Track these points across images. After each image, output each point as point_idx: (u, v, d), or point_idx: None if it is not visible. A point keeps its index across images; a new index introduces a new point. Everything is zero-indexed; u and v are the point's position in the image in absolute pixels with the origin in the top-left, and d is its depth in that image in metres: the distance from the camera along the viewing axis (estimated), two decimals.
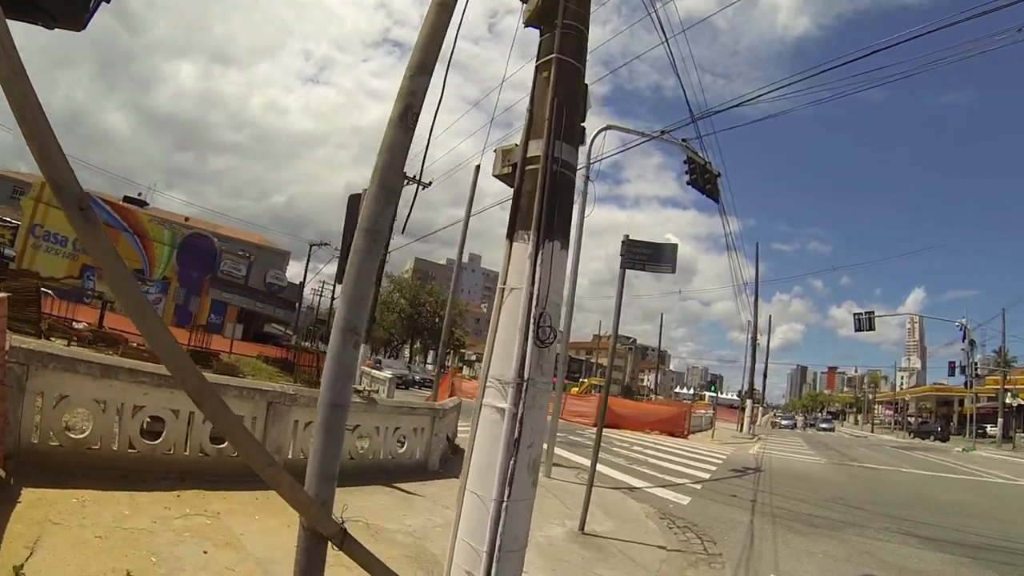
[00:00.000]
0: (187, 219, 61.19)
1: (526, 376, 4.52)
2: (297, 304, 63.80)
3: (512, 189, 5.11)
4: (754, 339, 47.10)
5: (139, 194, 61.89)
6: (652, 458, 19.52)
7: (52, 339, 17.34)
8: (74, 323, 22.44)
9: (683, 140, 17.00)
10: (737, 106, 14.24)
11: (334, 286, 72.06)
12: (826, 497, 14.98)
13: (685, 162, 17.41)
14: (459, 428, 14.21)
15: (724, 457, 23.14)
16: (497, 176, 5.50)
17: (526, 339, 4.59)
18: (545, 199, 4.78)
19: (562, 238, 4.89)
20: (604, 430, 27.69)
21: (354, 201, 9.88)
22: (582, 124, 5.33)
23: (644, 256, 9.25)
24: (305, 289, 69.06)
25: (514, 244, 4.91)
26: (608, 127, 14.90)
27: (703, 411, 46.37)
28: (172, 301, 50.17)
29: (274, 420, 8.58)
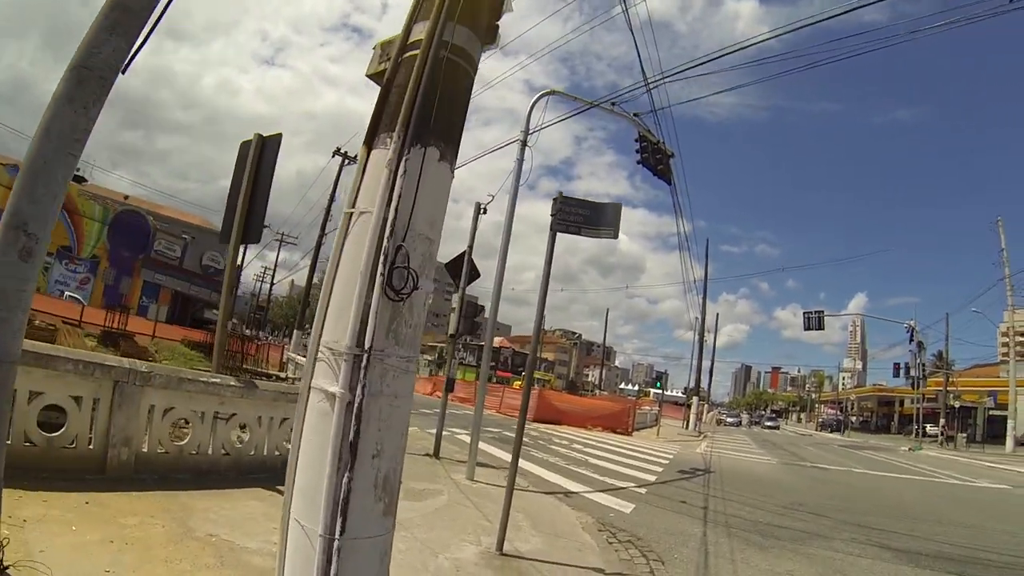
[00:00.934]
0: (126, 197, 58.25)
1: (368, 344, 2.94)
2: (234, 289, 61.23)
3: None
4: (702, 335, 46.09)
5: (77, 169, 58.13)
6: (593, 457, 18.05)
7: None
8: None
9: (635, 114, 15.56)
10: (693, 67, 12.94)
11: (274, 271, 70.24)
12: (784, 503, 13.61)
13: (636, 139, 16.07)
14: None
15: (671, 457, 21.76)
16: (371, 76, 3.91)
17: (371, 285, 2.99)
18: (421, 89, 3.19)
19: (444, 146, 3.31)
20: (544, 427, 26.20)
21: (244, 148, 8.12)
22: (494, 15, 3.81)
23: (581, 217, 7.71)
24: (246, 274, 66.80)
25: (372, 152, 3.31)
26: (551, 92, 13.43)
27: (648, 407, 45.30)
28: (101, 281, 47.66)
29: (121, 404, 6.99)
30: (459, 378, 56.55)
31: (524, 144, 12.07)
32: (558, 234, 7.64)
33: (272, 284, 73.00)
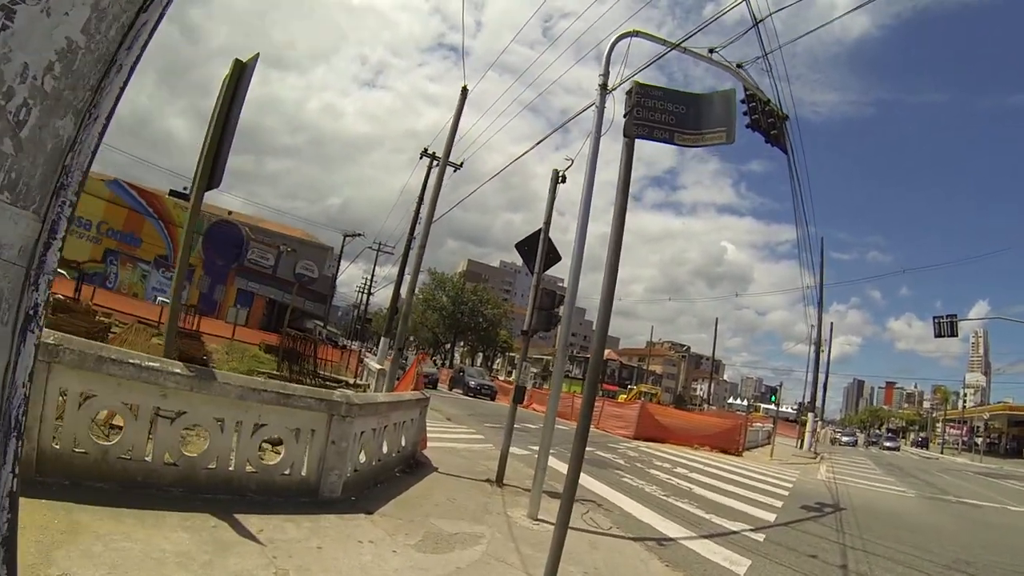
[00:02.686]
0: (230, 213, 59.02)
1: None
2: (329, 297, 60.56)
3: None
4: (819, 343, 41.65)
5: (184, 188, 59.40)
6: (699, 486, 15.04)
7: None
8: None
9: (738, 65, 12.63)
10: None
11: (370, 282, 69.23)
12: (944, 559, 10.32)
13: (743, 100, 13.15)
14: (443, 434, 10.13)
15: (790, 486, 18.42)
16: None
17: None
18: None
19: None
20: (645, 445, 23.25)
21: (237, 67, 5.91)
22: None
23: (671, 116, 5.09)
24: (346, 283, 66.64)
25: None
26: (634, 32, 10.74)
27: (760, 425, 41.22)
28: (197, 289, 47.90)
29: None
30: (564, 391, 53.76)
31: (604, 88, 9.63)
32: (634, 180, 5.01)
33: (369, 294, 71.70)
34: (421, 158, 35.48)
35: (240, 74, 6.88)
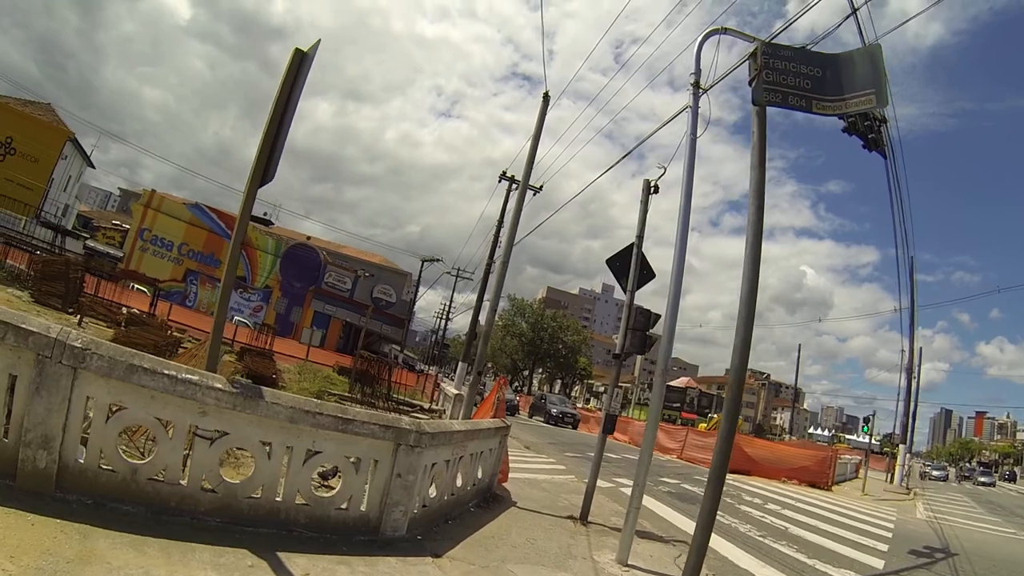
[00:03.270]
0: (308, 238, 60.19)
1: None
2: (406, 321, 60.36)
3: None
4: (910, 371, 38.56)
5: (264, 214, 61.17)
6: (795, 524, 13.74)
7: (88, 318, 17.57)
8: (123, 308, 21.59)
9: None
10: None
11: (448, 307, 68.89)
12: None
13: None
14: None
15: (891, 526, 16.83)
16: None
17: None
18: None
19: None
20: (731, 477, 21.99)
21: (297, 57, 5.11)
22: None
23: (807, 80, 4.17)
24: (425, 309, 66.77)
25: None
26: (723, 30, 9.81)
27: (847, 457, 38.67)
28: (273, 310, 49.25)
29: (40, 387, 4.58)
30: (638, 418, 52.61)
31: (697, 87, 8.72)
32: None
33: (447, 319, 71.40)
34: (500, 181, 35.02)
35: (300, 63, 6.13)
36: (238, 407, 4.96)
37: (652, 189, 10.69)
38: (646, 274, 10.27)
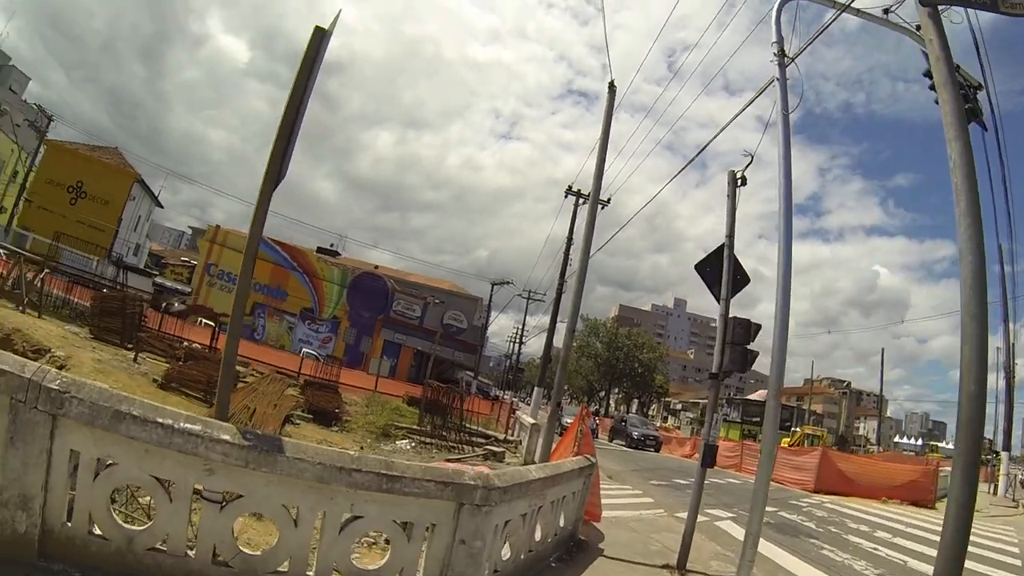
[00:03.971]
0: (376, 267, 59.95)
1: None
2: (479, 347, 59.45)
3: None
4: (1009, 370, 35.33)
5: (331, 245, 62.17)
6: (912, 555, 11.91)
7: (144, 352, 17.45)
8: (184, 341, 21.78)
9: (917, 27, 10.06)
10: None
11: (521, 330, 67.82)
12: None
13: (925, 73, 10.59)
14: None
15: (1015, 550, 14.57)
16: None
17: None
18: None
19: None
20: (828, 500, 19.94)
21: (317, 36, 4.03)
22: None
23: None
24: (497, 334, 65.94)
25: None
26: None
27: (947, 468, 35.48)
28: (342, 340, 49.24)
29: (14, 437, 3.78)
30: (721, 435, 50.22)
31: (782, 55, 7.68)
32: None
33: (521, 343, 70.21)
34: (566, 196, 34.07)
35: (319, 43, 5.19)
36: (251, 464, 3.89)
37: (739, 181, 9.44)
38: (740, 279, 8.96)
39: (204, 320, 32.01)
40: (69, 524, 3.95)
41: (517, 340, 71.10)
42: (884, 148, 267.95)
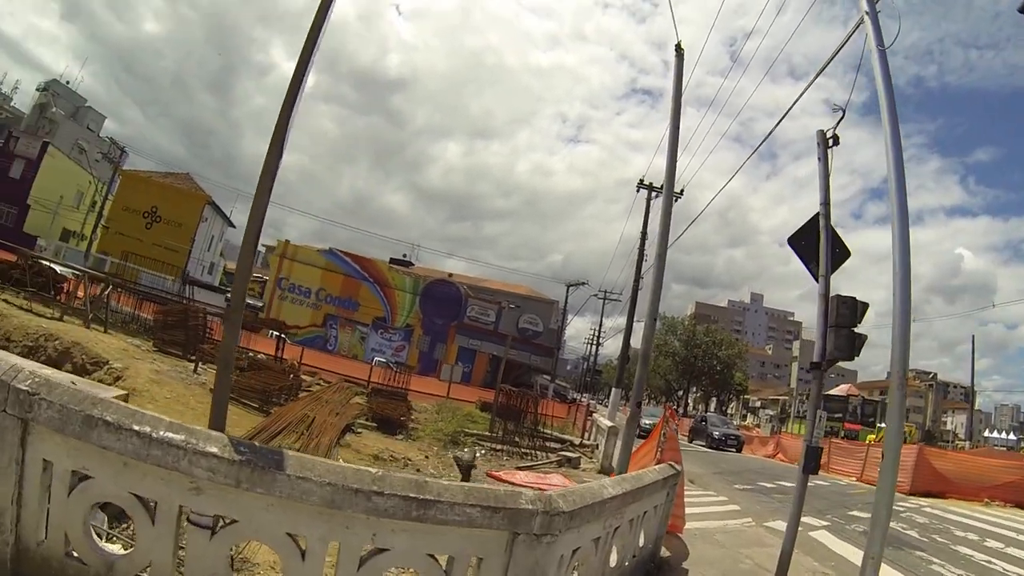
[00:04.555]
0: (450, 275, 59.60)
1: None
2: (556, 350, 58.58)
3: None
4: None
5: (403, 255, 62.08)
6: None
7: (207, 363, 16.93)
8: (249, 352, 21.64)
9: None
10: None
11: (598, 331, 66.80)
12: None
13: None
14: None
15: None
16: None
17: None
18: None
19: None
20: (925, 502, 18.33)
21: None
22: None
23: None
24: (575, 338, 65.28)
25: None
26: None
27: None
28: (416, 348, 49.23)
29: None
30: (801, 433, 47.98)
31: None
32: None
33: (598, 344, 69.22)
34: (638, 191, 33.20)
35: (328, 6, 4.57)
36: (244, 483, 3.12)
37: (831, 141, 8.40)
38: (839, 252, 7.90)
39: (274, 332, 32.26)
40: (41, 538, 3.45)
41: (594, 342, 70.26)
42: (961, 122, 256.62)
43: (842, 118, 8.48)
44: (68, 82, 71.83)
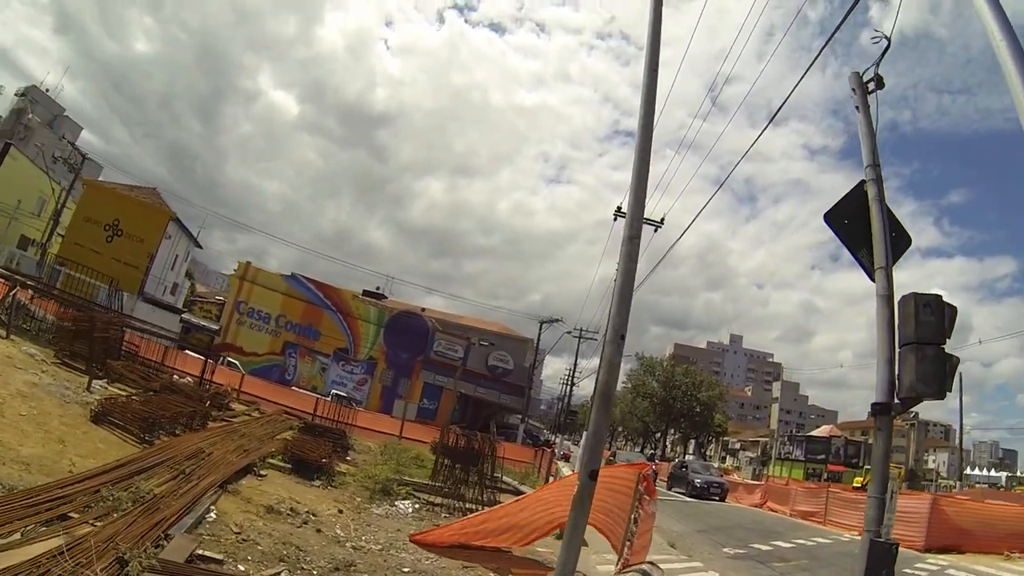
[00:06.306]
0: (423, 310, 58.09)
1: None
2: (528, 389, 55.94)
3: None
4: None
5: (377, 288, 60.43)
6: None
7: (114, 383, 15.97)
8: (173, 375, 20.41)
9: None
10: None
11: (572, 370, 64.39)
12: None
13: None
14: None
15: None
16: None
17: None
18: None
19: None
20: (943, 559, 14.39)
21: None
22: None
23: None
24: (552, 378, 62.94)
25: None
26: None
27: None
28: (379, 382, 46.79)
29: None
30: (784, 476, 45.26)
31: None
32: None
33: (572, 383, 66.75)
34: (615, 219, 30.89)
35: None
36: None
37: (870, 85, 5.92)
38: (896, 237, 5.30)
39: (228, 358, 31.90)
40: None
41: (568, 382, 67.90)
42: (935, 165, 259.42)
43: (886, 50, 6.04)
44: (48, 90, 71.24)
